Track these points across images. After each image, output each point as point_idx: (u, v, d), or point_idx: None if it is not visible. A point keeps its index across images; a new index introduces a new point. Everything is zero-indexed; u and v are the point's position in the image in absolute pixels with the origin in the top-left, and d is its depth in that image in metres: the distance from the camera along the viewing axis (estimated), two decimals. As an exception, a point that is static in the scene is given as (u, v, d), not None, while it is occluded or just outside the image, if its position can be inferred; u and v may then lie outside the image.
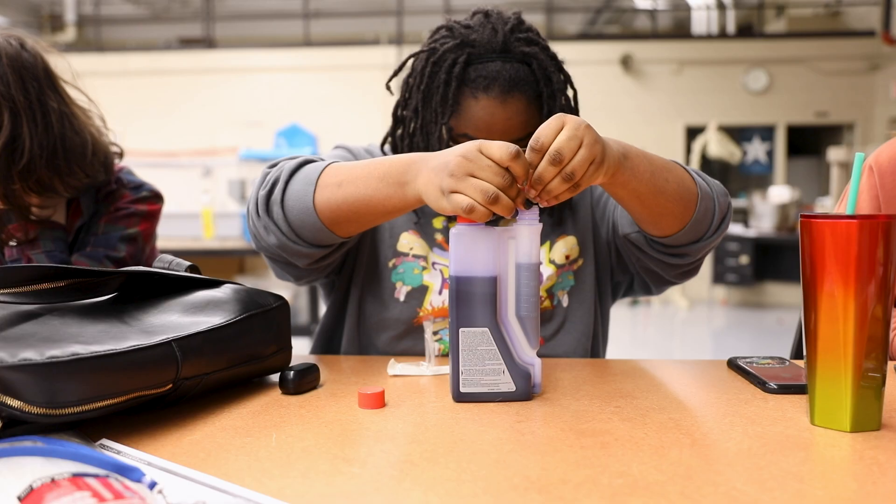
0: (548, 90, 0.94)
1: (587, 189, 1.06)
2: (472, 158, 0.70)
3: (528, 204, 0.73)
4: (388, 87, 1.03)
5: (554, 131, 0.71)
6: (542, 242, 1.02)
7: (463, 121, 0.94)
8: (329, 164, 0.85)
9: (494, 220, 1.01)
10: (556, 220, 1.04)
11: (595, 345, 1.05)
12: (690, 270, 0.98)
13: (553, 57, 0.97)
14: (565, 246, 1.02)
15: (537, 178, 0.71)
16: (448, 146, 0.94)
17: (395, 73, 1.04)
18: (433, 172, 0.73)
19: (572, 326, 1.00)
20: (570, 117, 0.72)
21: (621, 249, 1.01)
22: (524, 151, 0.71)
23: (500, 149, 0.70)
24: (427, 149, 0.97)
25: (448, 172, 0.71)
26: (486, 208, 0.69)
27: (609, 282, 1.07)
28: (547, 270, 1.00)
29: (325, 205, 0.83)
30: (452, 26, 0.97)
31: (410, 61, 1.00)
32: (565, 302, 1.00)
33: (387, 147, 1.05)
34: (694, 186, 0.86)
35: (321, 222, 0.84)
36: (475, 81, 0.92)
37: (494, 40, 0.94)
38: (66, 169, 1.06)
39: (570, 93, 0.99)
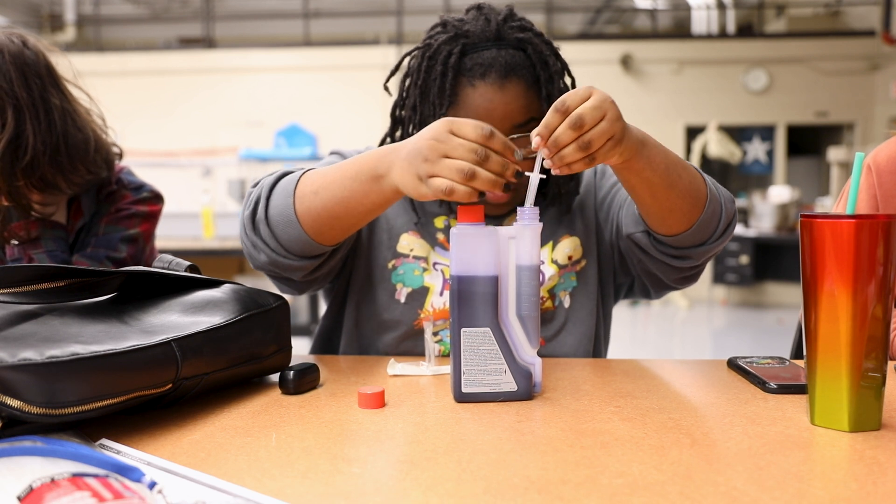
0: (545, 74, 0.94)
1: (591, 190, 1.06)
2: (443, 140, 0.70)
3: (529, 199, 0.73)
4: (385, 88, 1.03)
5: (581, 98, 0.71)
6: (545, 242, 1.02)
7: (462, 111, 0.93)
8: (304, 173, 0.85)
9: (497, 217, 1.02)
10: (557, 221, 1.03)
11: (597, 346, 1.04)
12: (691, 276, 0.98)
13: (548, 42, 0.97)
14: (568, 246, 1.02)
15: (553, 141, 0.70)
16: None
17: (393, 73, 1.03)
18: (406, 161, 0.73)
19: (574, 327, 1.00)
20: (598, 90, 0.72)
21: (624, 251, 1.01)
22: (529, 139, 0.72)
23: (474, 129, 0.70)
24: None
25: (422, 158, 0.71)
26: (466, 186, 0.69)
27: (612, 283, 1.07)
28: (549, 271, 1.00)
29: (306, 214, 0.83)
30: (446, 21, 0.98)
31: (406, 60, 1.00)
32: (567, 303, 1.00)
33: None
34: (704, 188, 0.86)
35: (306, 234, 0.84)
36: (471, 70, 0.92)
37: (488, 29, 0.94)
38: (69, 166, 1.07)
39: (567, 80, 0.99)
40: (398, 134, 1.01)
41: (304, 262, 0.88)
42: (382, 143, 1.04)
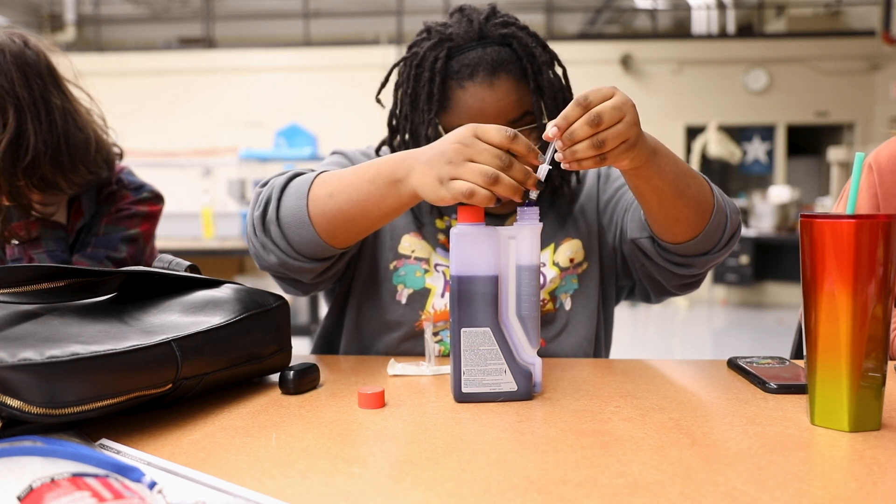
0: (532, 66, 0.94)
1: (594, 194, 1.06)
2: (468, 143, 0.70)
3: (533, 193, 0.73)
4: (378, 101, 1.03)
5: (603, 96, 0.71)
6: (547, 244, 1.02)
7: (455, 114, 0.94)
8: (318, 175, 0.85)
9: (499, 217, 1.01)
10: (559, 223, 1.03)
11: (597, 349, 1.04)
12: (692, 283, 0.99)
13: (533, 35, 0.97)
14: (570, 249, 1.01)
15: (570, 134, 0.70)
16: None
17: (383, 85, 1.03)
18: (427, 165, 0.73)
19: (574, 330, 1.00)
20: (621, 92, 0.72)
21: (627, 256, 1.01)
22: (528, 133, 0.71)
23: (498, 133, 0.70)
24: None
25: (446, 160, 0.71)
26: (487, 190, 0.69)
27: (613, 286, 1.07)
28: (550, 273, 1.00)
29: (319, 217, 0.83)
30: (430, 27, 0.98)
31: (396, 70, 1.01)
32: (568, 305, 1.00)
33: (383, 151, 1.05)
34: (712, 198, 0.87)
35: (319, 236, 0.84)
36: (459, 72, 0.93)
37: (471, 29, 0.94)
38: (70, 166, 1.07)
39: (559, 71, 0.99)
40: (396, 142, 1.01)
41: (314, 264, 0.88)
42: (379, 149, 1.04)
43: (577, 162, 0.72)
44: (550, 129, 0.71)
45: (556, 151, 0.73)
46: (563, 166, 0.73)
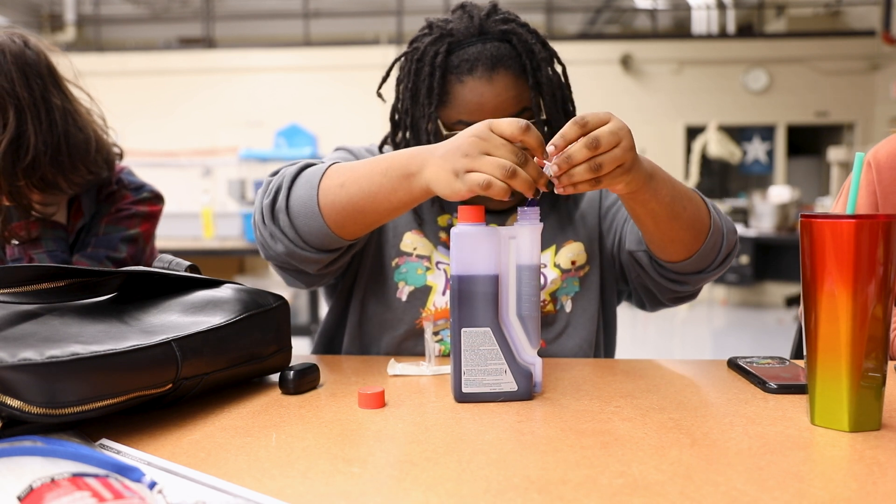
0: (532, 63, 0.95)
1: (596, 199, 1.06)
2: (485, 137, 0.71)
3: (538, 193, 0.73)
4: (379, 95, 1.03)
5: (600, 121, 0.71)
6: (549, 246, 1.02)
7: (454, 109, 0.94)
8: (330, 166, 0.85)
9: (499, 214, 1.02)
10: (561, 226, 1.03)
11: (597, 352, 1.04)
12: (686, 297, 1.00)
13: (533, 31, 0.97)
14: (572, 251, 1.02)
15: (567, 157, 0.71)
16: (441, 139, 0.94)
17: (384, 80, 1.03)
18: (442, 159, 0.73)
19: (574, 332, 1.00)
20: (616, 118, 0.73)
21: (624, 264, 1.02)
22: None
23: (510, 125, 0.71)
24: (418, 145, 0.97)
25: (462, 153, 0.71)
26: (504, 183, 0.69)
27: (615, 290, 1.07)
28: (551, 274, 1.00)
29: (329, 207, 0.83)
30: (432, 23, 0.99)
31: (397, 65, 1.01)
32: (568, 307, 1.00)
33: (386, 148, 1.05)
34: (708, 220, 0.87)
35: (327, 226, 0.84)
36: (459, 67, 0.93)
37: (472, 25, 0.95)
38: (70, 166, 1.07)
39: (558, 68, 0.99)
40: (398, 137, 1.02)
41: (321, 254, 0.88)
42: (382, 145, 1.04)
43: (572, 186, 0.72)
44: (549, 147, 0.72)
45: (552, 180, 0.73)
46: (557, 190, 0.73)
